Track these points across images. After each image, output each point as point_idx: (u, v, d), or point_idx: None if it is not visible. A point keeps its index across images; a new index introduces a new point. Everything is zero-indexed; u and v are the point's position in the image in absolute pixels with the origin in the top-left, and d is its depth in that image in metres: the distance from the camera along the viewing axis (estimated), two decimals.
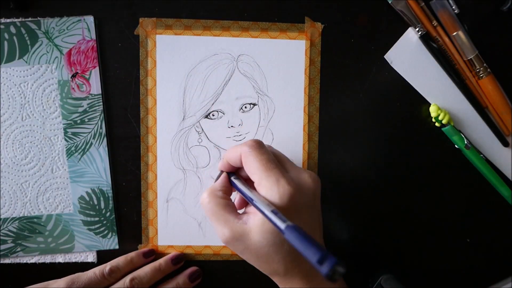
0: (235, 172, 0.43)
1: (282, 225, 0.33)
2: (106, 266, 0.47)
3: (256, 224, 0.37)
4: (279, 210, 0.36)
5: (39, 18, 0.47)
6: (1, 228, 0.49)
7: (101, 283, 0.46)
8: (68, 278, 0.46)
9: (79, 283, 0.45)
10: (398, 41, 0.50)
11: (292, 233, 0.32)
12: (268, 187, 0.37)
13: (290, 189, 0.37)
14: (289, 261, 0.38)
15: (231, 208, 0.40)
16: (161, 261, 0.49)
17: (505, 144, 0.52)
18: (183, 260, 0.50)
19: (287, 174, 0.39)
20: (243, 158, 0.39)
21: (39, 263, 0.50)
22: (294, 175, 0.39)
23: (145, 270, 0.47)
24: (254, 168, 0.38)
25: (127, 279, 0.46)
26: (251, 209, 0.39)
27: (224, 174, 0.43)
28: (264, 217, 0.36)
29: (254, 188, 0.39)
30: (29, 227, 0.49)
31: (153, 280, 0.47)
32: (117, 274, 0.47)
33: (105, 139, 0.49)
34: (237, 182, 0.41)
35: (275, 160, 0.39)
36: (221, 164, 0.43)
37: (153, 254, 0.49)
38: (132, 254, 0.49)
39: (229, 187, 0.42)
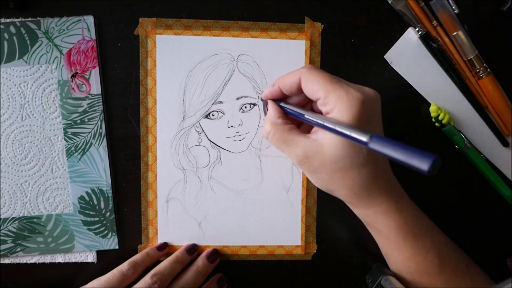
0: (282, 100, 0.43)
1: (364, 137, 0.31)
2: (124, 264, 0.47)
3: (327, 137, 0.37)
4: (350, 119, 0.35)
5: (39, 18, 0.47)
6: (1, 228, 0.49)
7: (122, 281, 0.45)
8: (88, 285, 0.46)
9: (99, 283, 0.45)
10: (398, 41, 0.50)
11: (380, 142, 0.30)
12: (337, 97, 0.37)
13: (360, 96, 0.37)
14: (365, 176, 0.38)
15: (297, 131, 0.40)
16: (176, 253, 0.49)
17: (505, 144, 0.52)
18: (218, 257, 0.50)
19: (353, 85, 0.38)
20: (304, 79, 0.39)
21: (39, 263, 0.49)
22: (358, 88, 0.39)
23: (164, 264, 0.47)
24: (318, 84, 0.38)
25: (147, 277, 0.45)
26: (316, 128, 0.39)
27: (273, 102, 0.43)
28: (337, 135, 0.35)
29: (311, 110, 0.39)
30: (29, 227, 0.49)
31: (173, 272, 0.47)
32: (136, 268, 0.46)
33: (105, 139, 0.49)
34: (290, 107, 0.41)
35: (336, 77, 0.39)
36: (270, 92, 0.43)
37: (167, 246, 0.49)
38: (146, 249, 0.49)
39: (284, 113, 0.42)
